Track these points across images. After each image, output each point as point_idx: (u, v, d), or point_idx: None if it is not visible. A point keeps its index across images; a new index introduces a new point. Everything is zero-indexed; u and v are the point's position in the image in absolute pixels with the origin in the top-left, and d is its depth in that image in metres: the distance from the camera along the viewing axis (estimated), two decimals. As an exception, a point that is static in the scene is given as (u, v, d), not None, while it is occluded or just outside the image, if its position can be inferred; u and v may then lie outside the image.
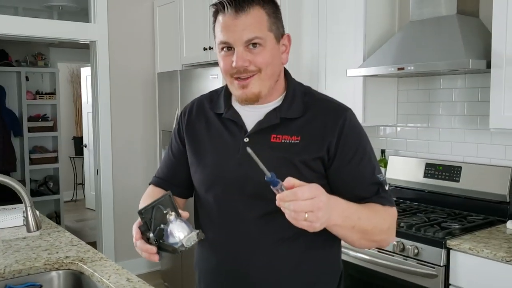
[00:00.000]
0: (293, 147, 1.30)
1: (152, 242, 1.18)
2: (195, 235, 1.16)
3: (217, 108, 1.42)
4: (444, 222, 2.45)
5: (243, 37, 1.24)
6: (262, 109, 1.35)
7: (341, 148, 1.29)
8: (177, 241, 1.14)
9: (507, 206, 2.51)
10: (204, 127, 1.42)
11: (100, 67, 4.37)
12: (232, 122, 1.37)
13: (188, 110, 1.49)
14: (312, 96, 1.38)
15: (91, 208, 7.32)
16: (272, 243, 1.32)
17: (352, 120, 1.34)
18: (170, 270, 4.19)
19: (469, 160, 2.74)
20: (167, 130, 4.13)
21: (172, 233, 1.15)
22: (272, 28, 1.28)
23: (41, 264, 1.85)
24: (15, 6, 5.52)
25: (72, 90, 8.08)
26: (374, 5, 2.87)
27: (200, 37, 3.97)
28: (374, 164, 1.34)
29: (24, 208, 1.65)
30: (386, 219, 1.30)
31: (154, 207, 1.18)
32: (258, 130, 1.33)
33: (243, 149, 1.31)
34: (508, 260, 1.99)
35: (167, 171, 1.53)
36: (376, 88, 2.95)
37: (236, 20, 1.24)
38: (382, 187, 1.32)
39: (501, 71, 2.26)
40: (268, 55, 1.27)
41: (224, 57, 1.30)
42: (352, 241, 1.27)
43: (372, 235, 1.27)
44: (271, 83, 1.32)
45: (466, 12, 2.56)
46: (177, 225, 1.16)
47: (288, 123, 1.32)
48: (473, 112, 2.73)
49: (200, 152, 1.41)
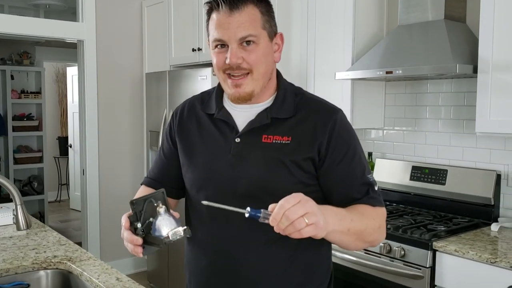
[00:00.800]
0: (284, 147, 1.30)
1: (139, 233, 1.18)
2: (182, 231, 1.16)
3: (208, 108, 1.42)
4: (430, 224, 2.49)
5: (237, 34, 1.25)
6: (254, 109, 1.36)
7: (332, 148, 1.31)
8: (163, 234, 1.15)
9: (491, 209, 2.55)
10: (195, 127, 1.43)
11: (88, 67, 4.34)
12: (223, 123, 1.38)
13: (179, 111, 1.50)
14: (303, 96, 1.39)
15: (76, 209, 7.27)
16: (263, 243, 1.33)
17: (342, 120, 1.35)
18: (156, 271, 4.18)
19: (455, 163, 2.78)
20: (154, 130, 4.12)
21: (160, 227, 1.16)
22: (265, 26, 1.30)
23: (28, 263, 1.84)
24: (1, 4, 5.46)
25: (57, 90, 8.01)
26: (362, 9, 2.90)
27: (189, 38, 3.97)
28: (364, 164, 1.35)
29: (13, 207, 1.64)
30: (376, 218, 1.31)
31: (147, 200, 1.19)
32: (249, 130, 1.34)
33: (234, 149, 1.34)
34: (492, 262, 2.02)
35: (158, 171, 1.53)
36: (364, 91, 2.98)
37: (230, 17, 1.25)
38: (372, 188, 1.34)
39: (488, 76, 2.30)
40: (261, 53, 1.28)
41: (217, 54, 1.30)
42: (347, 244, 1.28)
43: (366, 235, 1.28)
44: (264, 81, 1.33)
45: (453, 18, 2.60)
46: (165, 219, 1.17)
47: (279, 123, 1.33)
48: (459, 116, 2.77)
49: (191, 152, 1.42)
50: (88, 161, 4.41)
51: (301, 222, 1.07)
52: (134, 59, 4.62)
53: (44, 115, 6.49)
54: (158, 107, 4.07)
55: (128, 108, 4.63)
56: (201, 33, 3.85)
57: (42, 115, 6.47)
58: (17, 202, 1.60)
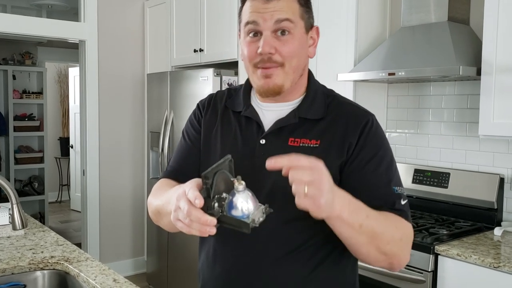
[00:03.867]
0: (312, 151, 1.19)
1: (216, 213, 0.98)
2: (264, 210, 1.01)
3: (235, 105, 1.34)
4: (432, 228, 2.46)
5: (274, 17, 1.17)
6: (282, 108, 1.28)
7: (358, 150, 1.21)
8: (243, 214, 0.98)
9: (494, 213, 2.52)
10: (218, 124, 1.35)
11: (89, 67, 4.34)
12: (249, 121, 1.30)
13: (206, 103, 1.41)
14: (334, 98, 1.31)
15: (76, 210, 7.26)
16: (281, 256, 1.22)
17: (374, 125, 1.25)
18: (156, 273, 4.16)
19: (458, 166, 2.75)
20: (155, 131, 4.10)
21: (241, 206, 0.98)
22: (304, 16, 1.22)
23: (25, 263, 1.82)
24: (3, 4, 5.46)
25: (59, 90, 8.01)
26: (365, 11, 2.88)
27: (191, 39, 3.96)
28: (391, 175, 1.23)
29: (9, 206, 1.62)
30: (399, 228, 1.17)
31: (218, 171, 1.00)
32: (275, 130, 1.25)
33: (259, 151, 1.25)
34: (495, 266, 2.00)
35: (180, 159, 1.39)
36: (366, 93, 2.96)
37: (267, 4, 1.17)
38: (398, 200, 1.20)
39: (491, 78, 2.28)
40: (296, 44, 1.20)
41: (249, 43, 1.21)
42: (358, 246, 1.14)
43: (382, 241, 1.13)
44: (295, 76, 1.24)
45: (456, 20, 2.58)
46: (245, 196, 0.99)
47: (307, 125, 1.24)
48: (462, 119, 2.74)
49: (210, 151, 1.33)
50: (88, 161, 4.40)
51: (299, 188, 0.96)
52: (135, 60, 4.60)
53: (45, 115, 6.48)
54: (159, 108, 4.05)
55: (129, 109, 4.61)
56: (203, 34, 3.84)
57: (43, 116, 6.47)
58: (13, 201, 1.58)
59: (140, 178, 4.68)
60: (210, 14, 3.76)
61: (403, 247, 1.18)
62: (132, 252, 4.69)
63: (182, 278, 3.73)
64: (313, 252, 1.23)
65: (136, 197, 4.67)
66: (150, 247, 4.26)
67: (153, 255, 4.18)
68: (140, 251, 4.71)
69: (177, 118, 3.79)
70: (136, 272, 4.61)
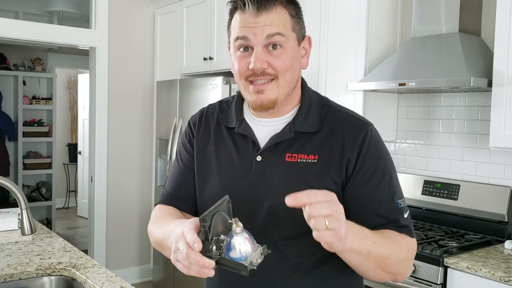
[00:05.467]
0: (311, 167, 1.18)
1: (214, 256, 0.99)
2: (261, 252, 1.01)
3: (227, 121, 1.30)
4: (441, 240, 2.44)
5: (265, 32, 1.13)
6: (276, 123, 1.25)
7: (359, 166, 1.18)
8: (241, 256, 0.99)
9: (505, 226, 2.49)
10: (212, 141, 1.31)
11: (99, 74, 4.36)
12: (244, 138, 1.26)
13: (197, 120, 1.38)
14: (330, 108, 1.27)
15: (83, 216, 7.27)
16: (285, 273, 1.21)
17: (373, 136, 1.22)
18: (162, 281, 4.14)
19: (468, 178, 2.73)
20: (164, 138, 4.10)
21: (238, 249, 0.99)
22: (295, 28, 1.19)
23: (33, 269, 1.82)
24: (15, 11, 5.50)
25: (68, 97, 8.06)
26: (376, 21, 2.88)
27: (201, 47, 3.97)
28: (394, 188, 1.21)
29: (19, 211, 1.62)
30: (403, 248, 1.17)
31: (216, 213, 1.00)
32: (271, 146, 1.22)
33: (255, 169, 1.22)
34: (506, 280, 1.97)
35: (176, 183, 1.36)
36: (376, 103, 2.95)
37: (257, 18, 1.14)
38: (401, 215, 1.19)
39: (502, 90, 2.26)
40: (289, 58, 1.17)
41: (240, 58, 1.18)
42: (366, 270, 1.15)
43: (388, 264, 1.13)
44: (289, 89, 1.21)
45: (467, 31, 2.57)
46: (243, 238, 0.99)
47: (304, 139, 1.21)
48: (473, 131, 2.72)
49: (206, 170, 1.29)
50: (96, 168, 4.40)
51: (320, 222, 0.94)
52: (145, 67, 4.62)
53: (54, 121, 6.51)
54: (168, 116, 4.06)
55: (138, 116, 4.62)
56: (212, 42, 3.85)
57: (52, 122, 6.49)
58: (22, 206, 1.58)
59: (147, 186, 4.68)
60: (220, 22, 3.77)
61: (408, 264, 1.20)
62: (139, 260, 4.68)
63: (188, 287, 3.72)
64: (317, 265, 1.22)
65: (143, 205, 4.66)
66: (157, 255, 4.25)
67: (160, 263, 4.17)
68: (146, 259, 4.70)
69: (186, 126, 3.78)
70: (142, 280, 4.60)
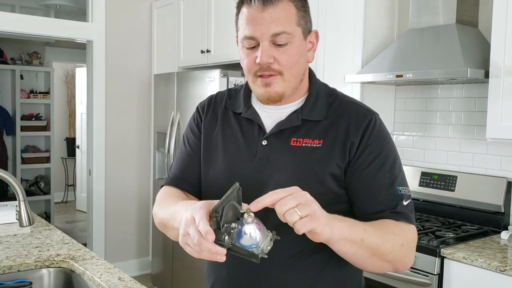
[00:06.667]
0: (315, 151, 1.21)
1: (227, 244, 1.00)
2: (271, 238, 1.02)
3: (235, 106, 1.34)
4: (438, 231, 2.45)
5: (270, 30, 1.15)
6: (283, 110, 1.27)
7: (361, 150, 1.20)
8: (252, 244, 1.00)
9: (501, 216, 2.51)
10: (219, 125, 1.34)
11: (96, 67, 4.35)
12: (250, 123, 1.29)
13: (206, 105, 1.41)
14: (337, 97, 1.30)
15: (82, 210, 7.28)
16: (288, 257, 1.23)
17: (377, 124, 1.24)
18: (161, 274, 4.16)
19: (465, 169, 2.74)
20: (161, 132, 4.10)
21: (247, 234, 1.00)
22: (300, 23, 1.20)
23: (31, 261, 1.82)
24: (12, 4, 5.49)
25: (66, 91, 8.04)
26: (373, 13, 2.88)
27: (198, 40, 3.96)
28: (395, 174, 1.22)
29: (17, 203, 1.63)
30: (399, 234, 1.17)
31: (227, 203, 1.01)
32: (277, 131, 1.25)
33: (260, 152, 1.24)
34: (502, 270, 1.98)
35: (182, 166, 1.38)
36: (373, 95, 2.95)
37: (263, 12, 1.16)
38: (400, 202, 1.20)
39: (499, 81, 2.27)
40: (295, 53, 1.19)
41: (248, 54, 1.21)
42: (362, 260, 1.15)
43: (384, 251, 1.14)
44: (296, 83, 1.23)
45: (465, 22, 2.57)
46: (254, 227, 1.01)
47: (310, 125, 1.24)
48: (470, 122, 2.73)
49: (212, 153, 1.32)
50: (95, 161, 4.41)
51: (292, 214, 0.97)
52: (142, 60, 4.61)
53: (52, 115, 6.51)
54: (165, 109, 4.06)
55: (136, 109, 4.62)
56: (210, 35, 3.84)
57: (50, 116, 6.50)
58: (20, 198, 1.59)
59: (146, 179, 4.68)
60: (217, 15, 3.77)
61: (406, 251, 1.19)
62: (137, 253, 4.70)
63: (187, 280, 3.73)
64: (318, 254, 1.23)
65: (141, 198, 4.67)
66: (155, 248, 4.27)
67: (158, 256, 4.19)
68: (145, 252, 4.71)
69: (184, 119, 3.79)
70: (141, 272, 4.61)
